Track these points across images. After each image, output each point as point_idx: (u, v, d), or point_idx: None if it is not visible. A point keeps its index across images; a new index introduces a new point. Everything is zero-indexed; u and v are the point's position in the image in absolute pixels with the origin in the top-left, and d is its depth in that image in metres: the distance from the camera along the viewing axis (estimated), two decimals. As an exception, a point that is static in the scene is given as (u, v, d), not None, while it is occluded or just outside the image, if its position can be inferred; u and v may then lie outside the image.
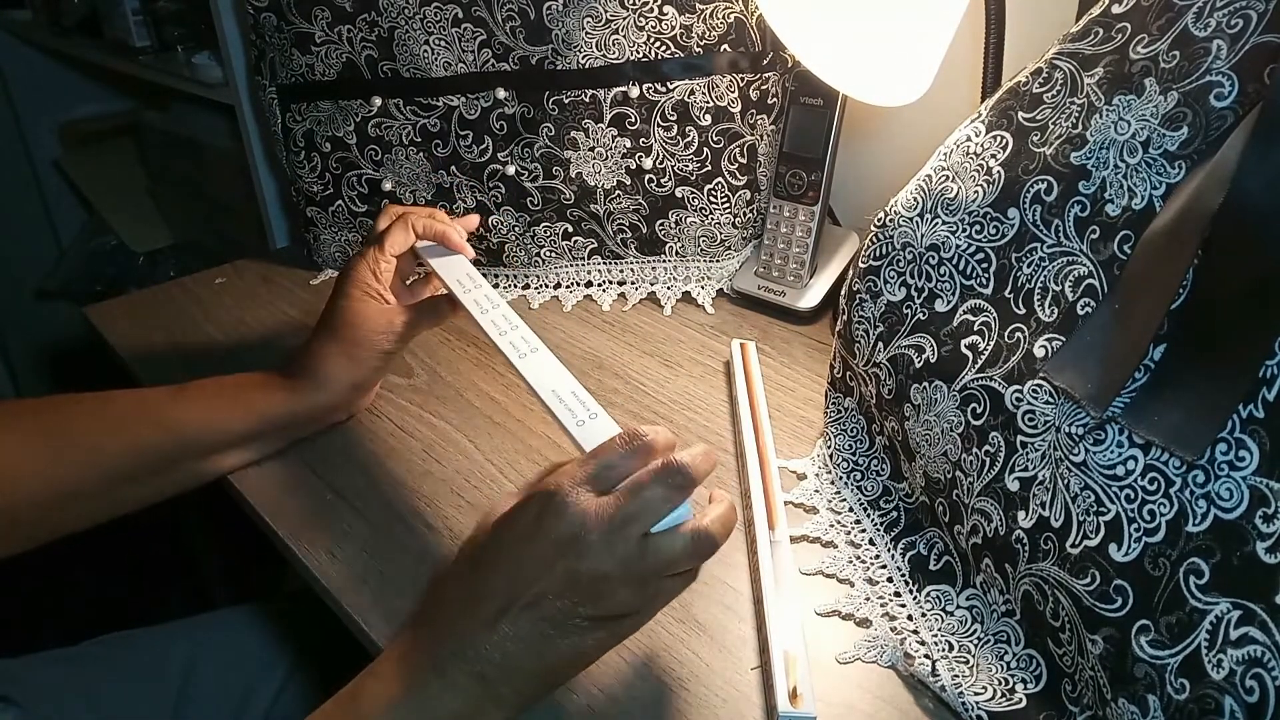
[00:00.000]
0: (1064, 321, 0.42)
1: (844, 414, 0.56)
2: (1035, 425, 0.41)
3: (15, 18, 1.51)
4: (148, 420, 0.55)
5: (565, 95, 0.71)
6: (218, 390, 0.57)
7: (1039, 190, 0.44)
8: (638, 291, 0.79)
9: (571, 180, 0.74)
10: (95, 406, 0.55)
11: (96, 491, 0.54)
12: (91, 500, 0.54)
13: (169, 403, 0.55)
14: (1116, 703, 0.36)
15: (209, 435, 0.55)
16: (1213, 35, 0.38)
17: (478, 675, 0.37)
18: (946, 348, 0.46)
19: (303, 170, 0.78)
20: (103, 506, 0.55)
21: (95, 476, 0.53)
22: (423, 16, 0.70)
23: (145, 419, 0.55)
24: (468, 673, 0.37)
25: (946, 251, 0.47)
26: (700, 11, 0.69)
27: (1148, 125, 0.40)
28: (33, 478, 0.52)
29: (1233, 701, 0.32)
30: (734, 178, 0.74)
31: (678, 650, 0.46)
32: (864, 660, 0.45)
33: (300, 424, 0.59)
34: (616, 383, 0.68)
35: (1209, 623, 0.33)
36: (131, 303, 0.81)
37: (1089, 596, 0.37)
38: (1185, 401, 0.36)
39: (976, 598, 0.46)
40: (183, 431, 0.55)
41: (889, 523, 0.52)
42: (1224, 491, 0.34)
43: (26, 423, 0.53)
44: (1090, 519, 0.38)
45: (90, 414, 0.55)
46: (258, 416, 0.56)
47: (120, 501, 0.55)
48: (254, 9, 0.73)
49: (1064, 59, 0.44)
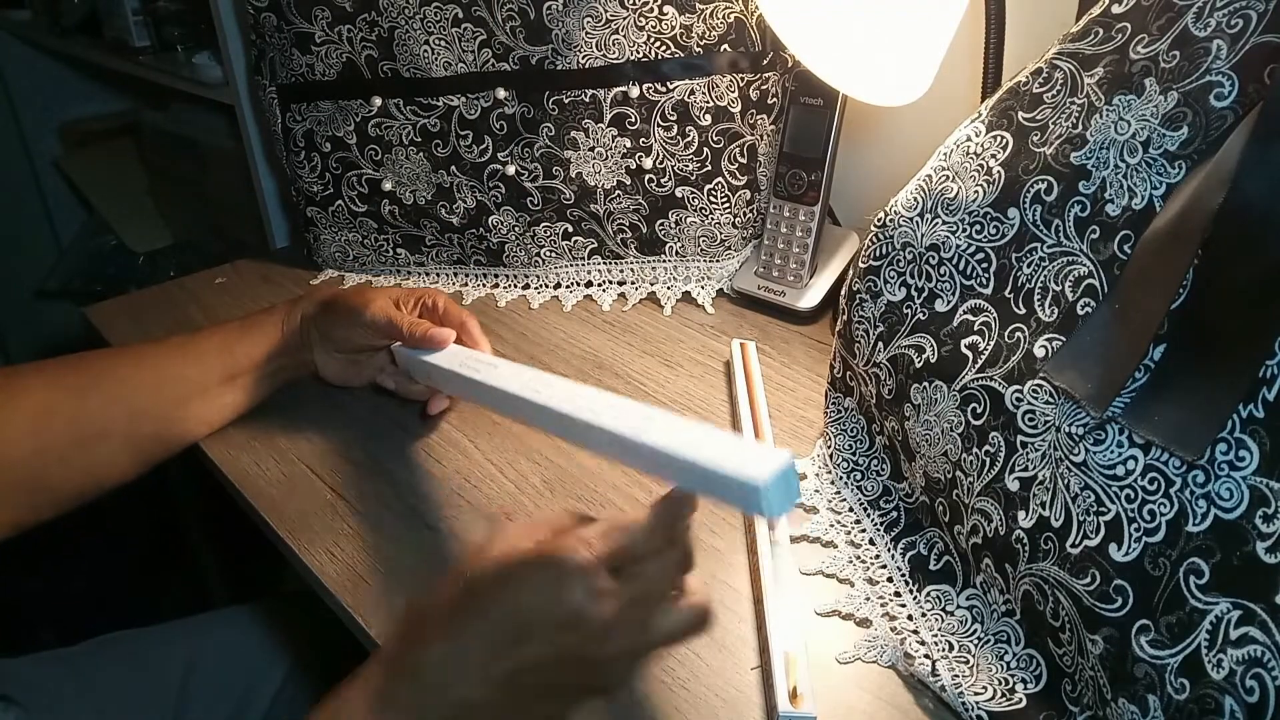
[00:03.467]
0: (1064, 321, 0.42)
1: (844, 414, 0.56)
2: (1035, 425, 0.41)
3: (15, 18, 1.51)
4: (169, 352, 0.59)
5: (565, 95, 0.71)
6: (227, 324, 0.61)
7: (1039, 190, 0.44)
8: (638, 291, 0.79)
9: (571, 180, 0.74)
10: (120, 350, 0.61)
11: (123, 429, 0.56)
12: (117, 440, 0.56)
13: (187, 339, 0.60)
14: (1116, 703, 0.36)
15: (226, 359, 0.59)
16: (1213, 35, 0.38)
17: None
18: (946, 348, 0.46)
19: (303, 170, 0.78)
20: (128, 451, 0.56)
21: (121, 412, 0.56)
22: (423, 16, 0.70)
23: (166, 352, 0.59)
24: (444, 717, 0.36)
25: (946, 251, 0.47)
26: (700, 11, 0.69)
27: (1148, 125, 0.40)
28: (61, 416, 0.54)
29: (1233, 701, 0.32)
30: (734, 178, 0.74)
31: (678, 650, 0.46)
32: (864, 660, 0.45)
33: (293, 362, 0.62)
34: (616, 383, 0.68)
35: (1209, 623, 0.33)
36: (131, 303, 0.81)
37: (1089, 596, 0.37)
38: (1185, 401, 0.36)
39: (976, 598, 0.46)
40: (201, 355, 0.59)
41: (889, 522, 0.52)
42: (1224, 491, 0.34)
43: (52, 368, 0.56)
44: (1090, 519, 0.38)
45: (115, 355, 0.60)
46: (268, 335, 0.60)
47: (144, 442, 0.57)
48: (254, 9, 0.73)
49: (1064, 59, 0.44)
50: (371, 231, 0.80)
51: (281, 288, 0.83)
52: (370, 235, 0.80)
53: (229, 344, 0.59)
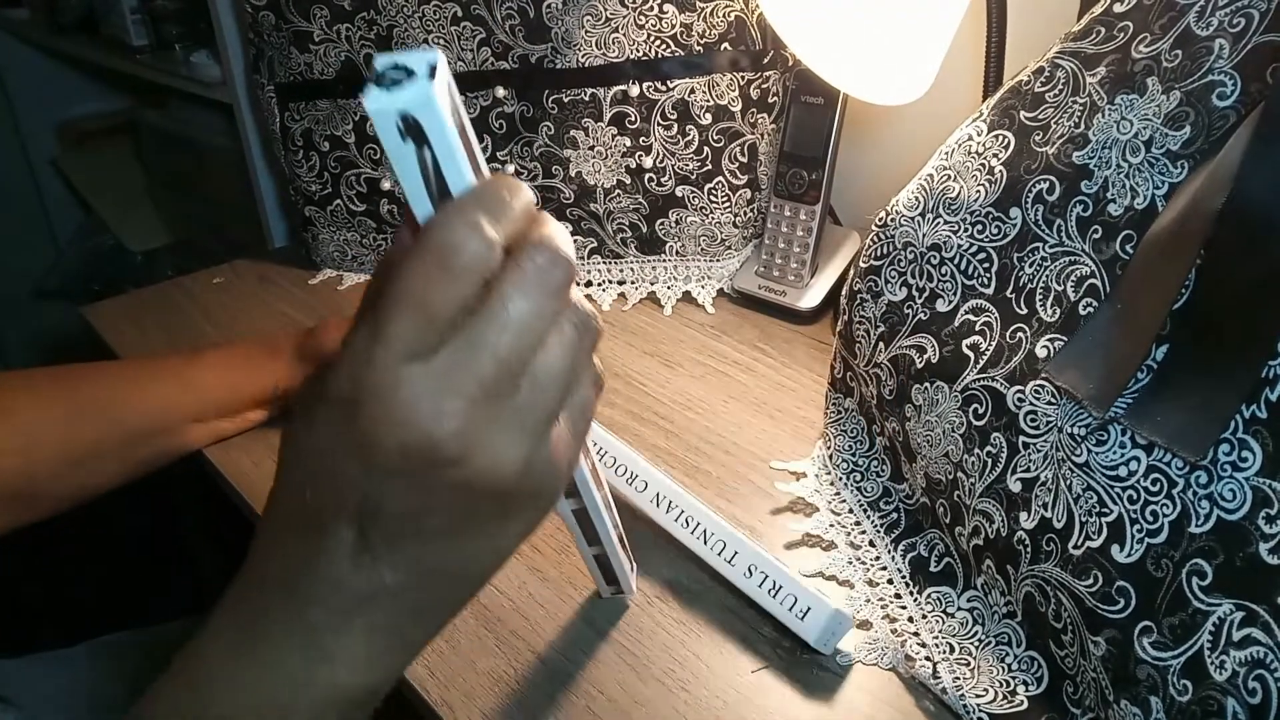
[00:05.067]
0: (1066, 321, 0.41)
1: (844, 414, 0.56)
2: (1037, 426, 0.41)
3: (13, 16, 1.51)
4: (167, 379, 0.56)
5: (565, 94, 0.71)
6: (229, 354, 0.59)
7: (1041, 190, 0.43)
8: (638, 291, 0.79)
9: (571, 179, 0.74)
10: (114, 369, 0.57)
11: (116, 451, 0.54)
12: (111, 460, 0.54)
13: (185, 366, 0.57)
14: (1119, 704, 0.36)
15: (225, 395, 0.57)
16: (1215, 34, 0.38)
17: (364, 621, 0.27)
18: (948, 348, 0.46)
19: (301, 169, 0.78)
20: (123, 467, 0.55)
21: (115, 435, 0.54)
22: (422, 15, 0.70)
23: (164, 378, 0.56)
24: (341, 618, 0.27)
25: (948, 251, 0.47)
26: (700, 10, 0.68)
27: (1150, 124, 0.40)
28: (52, 438, 0.52)
29: (1235, 703, 0.32)
30: (734, 177, 0.74)
31: (678, 651, 0.46)
32: (865, 663, 0.45)
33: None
34: (616, 383, 0.67)
35: (1212, 624, 0.33)
36: (129, 302, 0.81)
37: (1091, 598, 0.37)
38: (1188, 402, 0.36)
39: (978, 599, 0.46)
40: (201, 390, 0.57)
41: (889, 524, 0.52)
42: (1227, 492, 0.34)
43: (45, 386, 0.54)
44: (1093, 520, 0.38)
45: (109, 375, 0.56)
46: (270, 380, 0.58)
47: (140, 462, 0.56)
48: (252, 7, 0.73)
49: (1066, 58, 0.44)
50: (370, 231, 0.80)
51: (280, 287, 0.83)
52: (369, 235, 0.80)
53: (231, 379, 0.57)
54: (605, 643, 0.46)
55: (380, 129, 0.24)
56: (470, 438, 0.25)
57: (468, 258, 0.24)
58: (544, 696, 0.43)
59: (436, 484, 0.26)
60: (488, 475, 0.26)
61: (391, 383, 0.24)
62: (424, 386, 0.24)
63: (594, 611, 0.48)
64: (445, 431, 0.24)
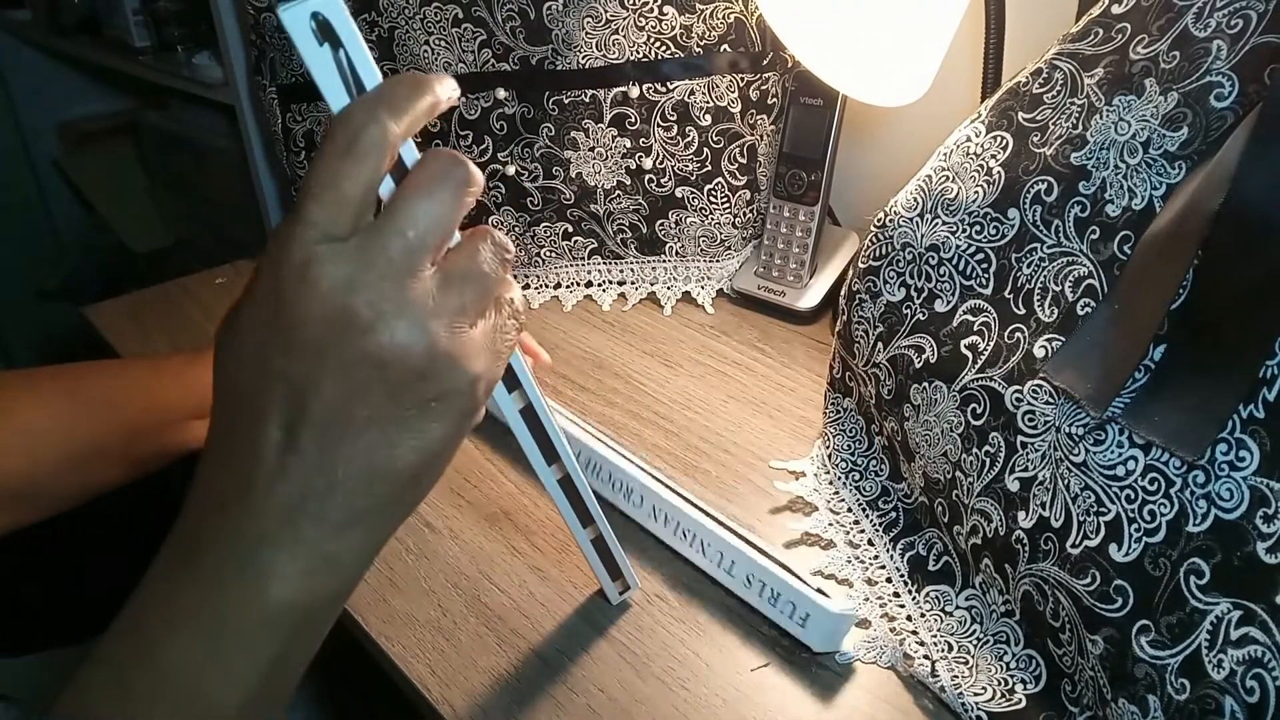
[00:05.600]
0: (1064, 322, 0.42)
1: (843, 414, 0.56)
2: (1035, 425, 0.41)
3: (15, 17, 1.51)
4: (168, 378, 0.56)
5: (565, 95, 0.71)
6: None
7: (1039, 190, 0.44)
8: (638, 291, 0.79)
9: (571, 180, 0.74)
10: (115, 368, 0.57)
11: (118, 450, 0.54)
12: (113, 459, 0.54)
13: (187, 365, 0.57)
14: (1116, 703, 0.36)
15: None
16: (1213, 35, 0.38)
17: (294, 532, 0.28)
18: (946, 348, 0.46)
19: (303, 170, 0.78)
20: (124, 466, 0.55)
21: (117, 434, 0.54)
22: (423, 16, 0.70)
23: (166, 378, 0.56)
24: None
25: (946, 252, 0.47)
26: (700, 11, 0.69)
27: (1148, 126, 0.40)
28: (53, 437, 0.52)
29: (1233, 702, 0.32)
30: (734, 178, 0.74)
31: (677, 649, 0.46)
32: (863, 661, 0.45)
33: None
34: (616, 383, 0.68)
35: (1209, 623, 0.33)
36: (131, 303, 0.81)
37: (1089, 597, 0.37)
38: (1185, 402, 0.36)
39: (976, 598, 0.46)
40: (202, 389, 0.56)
41: (888, 523, 0.52)
42: (1224, 492, 0.34)
43: (46, 385, 0.54)
44: (1090, 519, 0.38)
45: (110, 374, 0.56)
46: None
47: (141, 460, 0.56)
48: (254, 9, 0.73)
49: (1064, 59, 0.44)
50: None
51: (281, 288, 0.83)
52: (370, 235, 0.80)
53: None
54: (605, 641, 0.46)
55: (296, 37, 0.27)
56: (380, 307, 0.27)
57: (367, 141, 0.27)
58: (544, 694, 0.43)
59: (354, 358, 0.27)
60: (398, 349, 0.28)
61: (309, 258, 0.27)
62: (339, 261, 0.27)
63: (594, 610, 0.48)
64: (359, 300, 0.27)
